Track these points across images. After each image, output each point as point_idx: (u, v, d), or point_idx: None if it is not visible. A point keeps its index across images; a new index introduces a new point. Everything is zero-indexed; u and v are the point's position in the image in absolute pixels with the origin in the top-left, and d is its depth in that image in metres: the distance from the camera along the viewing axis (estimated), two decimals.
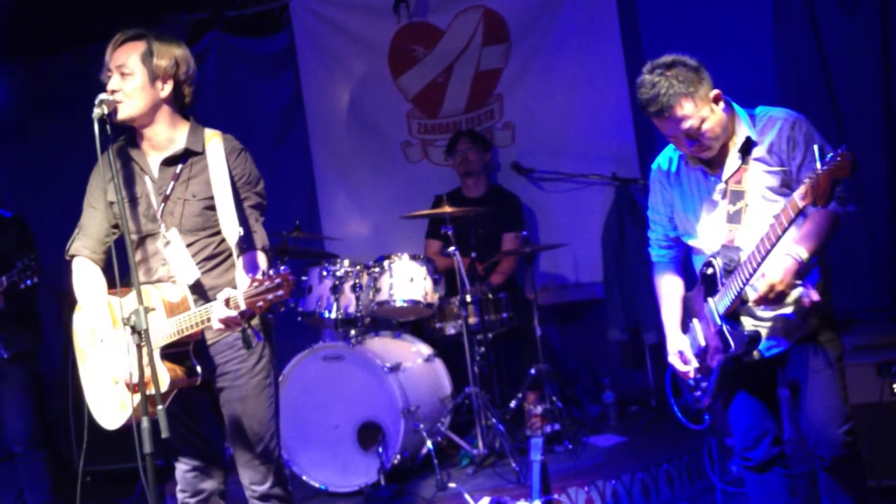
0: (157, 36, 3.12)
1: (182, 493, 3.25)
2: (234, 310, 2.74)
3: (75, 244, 3.19)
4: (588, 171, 5.99)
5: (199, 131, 3.17)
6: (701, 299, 3.15)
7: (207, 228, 3.12)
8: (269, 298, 2.69)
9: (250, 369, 3.15)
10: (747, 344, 3.01)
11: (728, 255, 3.03)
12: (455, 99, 6.39)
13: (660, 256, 3.42)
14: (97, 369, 3.11)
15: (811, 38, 5.29)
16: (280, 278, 2.69)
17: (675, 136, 3.04)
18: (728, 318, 3.03)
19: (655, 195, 3.35)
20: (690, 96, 2.93)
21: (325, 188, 6.70)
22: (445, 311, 5.23)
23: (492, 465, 4.81)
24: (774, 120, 3.03)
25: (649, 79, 2.98)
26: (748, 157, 3.03)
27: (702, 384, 3.20)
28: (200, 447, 3.23)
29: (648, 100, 2.97)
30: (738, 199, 3.04)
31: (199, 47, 6.73)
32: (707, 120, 2.97)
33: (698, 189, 3.18)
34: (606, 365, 6.12)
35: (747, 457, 3.26)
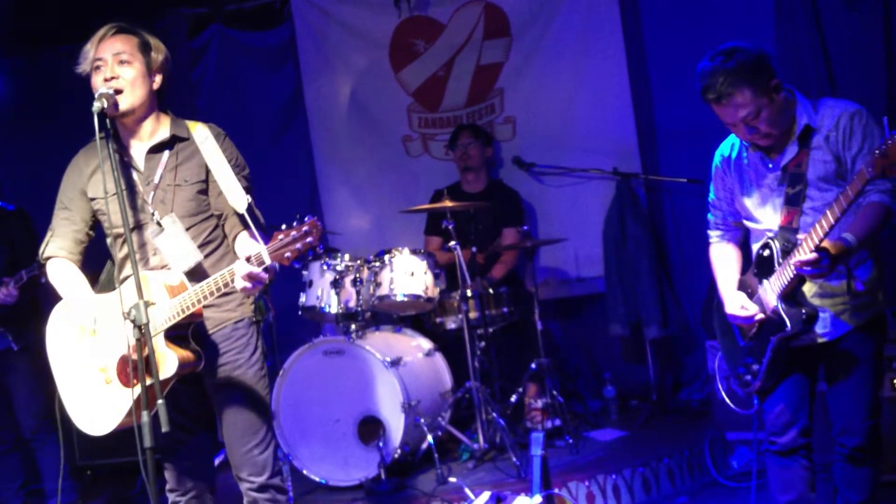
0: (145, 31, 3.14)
1: (173, 493, 3.24)
2: (257, 266, 2.75)
3: (50, 247, 3.16)
4: (589, 165, 5.98)
5: (180, 121, 3.19)
6: (756, 281, 3.16)
7: (200, 213, 3.13)
8: (298, 247, 2.72)
9: (247, 360, 3.17)
10: (804, 322, 3.02)
11: (786, 236, 3.07)
12: (456, 93, 6.38)
13: (719, 237, 3.46)
14: (84, 371, 3.05)
15: (813, 31, 5.27)
16: (308, 226, 2.73)
17: (733, 123, 3.06)
18: (784, 299, 3.04)
19: (717, 180, 3.38)
20: (749, 84, 2.95)
21: (325, 182, 6.69)
22: (446, 306, 5.23)
23: (492, 459, 4.81)
24: (835, 108, 3.06)
25: (709, 66, 3.00)
26: (808, 144, 3.06)
27: (753, 367, 3.20)
28: (189, 443, 3.22)
29: (707, 86, 3.00)
30: (797, 181, 3.06)
31: (200, 41, 6.72)
32: (765, 109, 2.99)
33: (756, 174, 3.20)
34: (607, 359, 6.12)
35: (773, 440, 3.27)
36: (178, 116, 3.24)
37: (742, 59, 2.97)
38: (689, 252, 5.77)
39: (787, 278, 3.00)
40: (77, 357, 3.07)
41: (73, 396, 3.09)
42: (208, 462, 3.35)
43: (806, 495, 3.26)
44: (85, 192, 3.15)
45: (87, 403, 3.05)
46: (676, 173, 5.78)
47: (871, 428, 3.13)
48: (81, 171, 3.16)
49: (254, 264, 2.77)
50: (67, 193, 3.18)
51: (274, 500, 3.20)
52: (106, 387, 3.00)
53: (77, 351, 3.07)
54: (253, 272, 2.78)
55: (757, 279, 3.17)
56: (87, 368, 3.04)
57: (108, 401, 3.00)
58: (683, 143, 5.71)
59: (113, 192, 2.96)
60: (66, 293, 3.11)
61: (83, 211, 3.16)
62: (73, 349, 3.09)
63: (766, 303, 3.11)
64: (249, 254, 2.78)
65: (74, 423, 3.08)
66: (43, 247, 3.18)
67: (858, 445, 3.14)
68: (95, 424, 3.04)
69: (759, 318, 3.14)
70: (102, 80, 2.98)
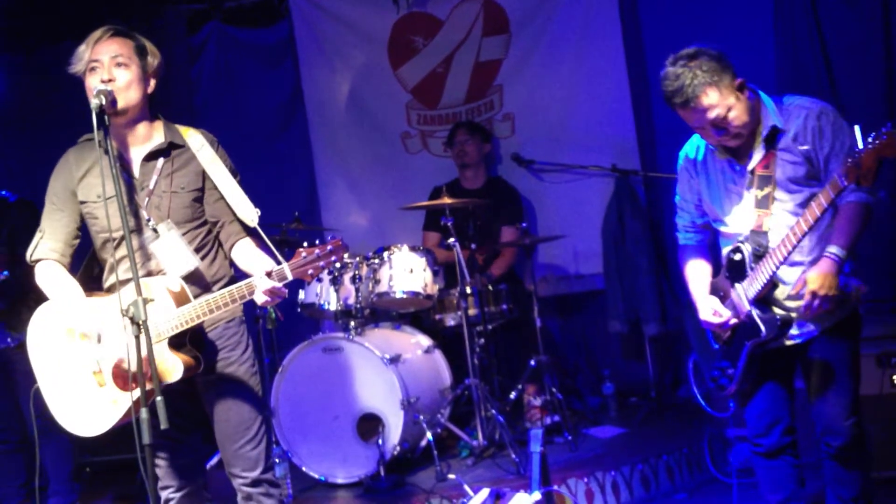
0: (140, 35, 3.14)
1: (166, 490, 3.24)
2: (278, 281, 2.82)
3: (40, 248, 3.13)
4: (588, 162, 5.98)
5: (173, 127, 3.19)
6: (728, 285, 3.14)
7: (195, 220, 3.14)
8: (322, 265, 2.83)
9: (239, 357, 3.19)
10: (779, 328, 3.01)
11: (757, 240, 3.04)
12: (455, 90, 6.38)
13: (687, 240, 3.43)
14: (72, 373, 3.04)
15: (812, 29, 5.27)
16: (332, 245, 2.83)
17: (701, 126, 3.04)
18: (758, 304, 3.03)
19: (683, 183, 3.37)
20: (715, 85, 2.94)
21: (324, 179, 6.69)
22: (445, 303, 5.23)
23: (491, 456, 4.81)
24: (801, 108, 3.04)
25: (673, 70, 2.98)
26: (775, 145, 3.03)
27: (728, 371, 3.20)
28: (181, 441, 3.22)
29: (673, 91, 2.98)
30: (765, 184, 3.04)
31: (199, 38, 6.71)
32: (733, 108, 2.97)
33: (724, 177, 3.18)
34: (606, 356, 6.13)
35: (758, 443, 3.27)
36: (177, 114, 3.24)
37: (705, 59, 2.95)
38: None
39: (761, 283, 2.98)
40: (64, 359, 3.06)
41: (59, 398, 3.08)
42: (201, 460, 3.37)
43: (796, 492, 3.27)
44: (75, 194, 3.12)
45: (77, 405, 3.04)
46: (675, 170, 5.74)
47: (854, 426, 3.11)
48: (72, 172, 3.13)
49: (275, 279, 2.83)
50: (59, 194, 3.15)
51: (268, 493, 3.21)
52: (99, 389, 3.00)
53: (64, 354, 3.06)
54: (275, 287, 2.84)
55: (729, 282, 3.14)
56: (78, 371, 3.03)
57: (102, 402, 2.99)
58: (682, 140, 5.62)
59: (110, 195, 2.94)
60: (56, 297, 3.08)
61: (74, 212, 3.14)
62: (60, 352, 3.07)
63: (740, 307, 3.08)
64: (270, 269, 2.83)
65: (59, 423, 3.07)
66: (32, 248, 3.15)
67: (843, 445, 3.12)
68: (87, 426, 3.03)
69: (733, 323, 3.13)
70: (99, 82, 2.96)
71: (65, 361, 3.05)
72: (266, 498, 3.21)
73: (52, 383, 3.09)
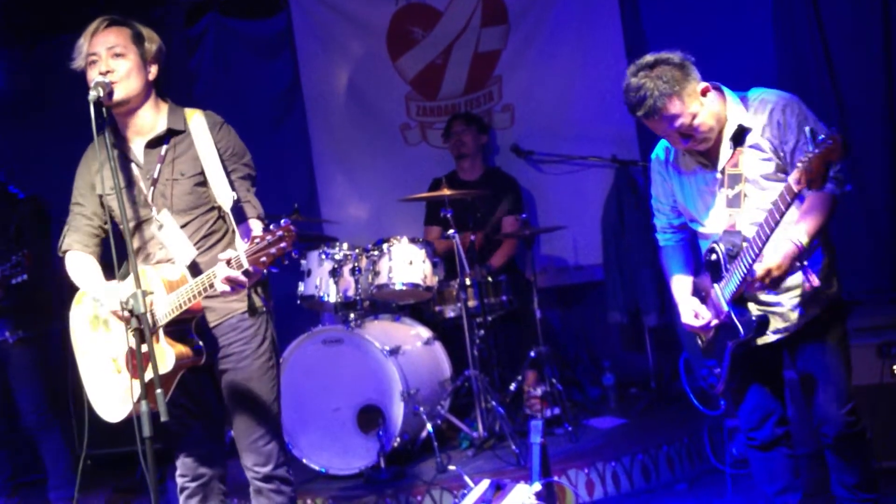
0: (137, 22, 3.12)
1: (182, 478, 3.25)
2: (237, 269, 2.72)
3: (66, 240, 3.19)
4: (588, 153, 5.97)
5: (178, 111, 3.16)
6: (708, 284, 3.13)
7: (200, 206, 3.11)
8: (273, 252, 2.67)
9: (254, 351, 3.16)
10: (756, 329, 2.99)
11: (730, 239, 3.01)
12: (454, 81, 6.37)
13: (666, 241, 3.41)
14: (99, 359, 3.11)
15: (812, 23, 5.26)
16: (281, 230, 2.66)
17: (668, 134, 3.02)
18: (735, 304, 3.01)
19: (656, 185, 3.34)
20: (677, 95, 2.90)
21: (323, 171, 6.68)
22: (445, 294, 5.23)
23: (492, 447, 4.81)
24: (766, 103, 3.00)
25: (634, 81, 2.96)
26: (742, 143, 3.00)
27: (715, 370, 3.20)
28: (201, 431, 3.22)
29: (636, 104, 2.95)
30: (735, 182, 3.01)
31: (197, 29, 6.71)
32: (698, 115, 2.94)
33: (695, 178, 3.16)
34: (606, 347, 6.13)
35: (752, 436, 3.28)
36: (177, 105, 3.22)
37: (667, 69, 2.92)
38: None
39: (736, 283, 2.96)
40: (92, 346, 3.13)
41: (91, 384, 3.15)
42: (220, 450, 3.33)
43: (792, 483, 3.27)
44: (94, 186, 3.15)
45: (103, 391, 3.11)
46: None
47: (849, 413, 3.09)
48: (90, 165, 3.16)
49: (233, 267, 2.73)
50: (79, 188, 3.20)
51: (279, 490, 3.20)
52: (117, 376, 3.04)
53: (91, 340, 3.13)
54: (231, 276, 2.74)
55: (710, 282, 3.12)
56: (101, 358, 3.10)
57: (120, 389, 3.03)
58: None
59: (112, 188, 2.97)
60: (82, 283, 3.13)
61: (94, 205, 3.17)
62: (88, 339, 3.15)
63: (719, 308, 3.07)
64: (229, 256, 2.74)
65: (96, 410, 3.12)
66: (60, 241, 3.21)
67: (840, 434, 3.11)
68: (111, 412, 3.09)
69: (714, 324, 3.11)
70: (97, 75, 2.96)
71: (92, 348, 3.13)
72: (276, 495, 3.20)
73: (85, 370, 3.17)
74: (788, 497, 3.27)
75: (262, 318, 3.21)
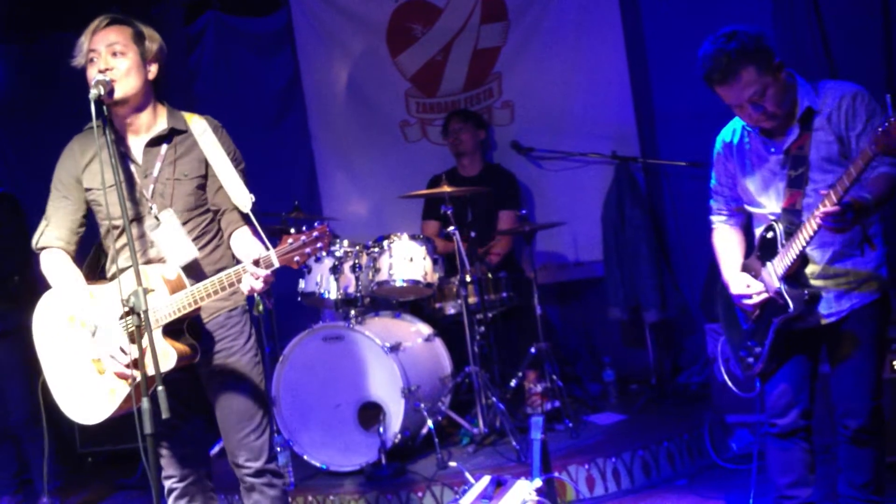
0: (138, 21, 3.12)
1: (169, 479, 3.25)
2: (265, 268, 2.77)
3: (45, 236, 3.13)
4: (588, 149, 5.97)
5: (177, 113, 3.17)
6: (759, 264, 3.18)
7: (198, 207, 3.13)
8: (308, 252, 2.76)
9: (241, 347, 3.18)
10: (807, 303, 3.04)
11: (789, 218, 3.09)
12: (453, 78, 6.36)
13: (721, 222, 3.47)
14: (75, 360, 3.04)
15: (812, 14, 5.24)
16: (318, 231, 2.76)
17: (739, 104, 3.07)
18: (787, 280, 3.06)
19: (719, 166, 3.40)
20: (754, 63, 2.98)
21: (323, 168, 6.69)
22: (445, 291, 5.23)
23: (492, 443, 4.82)
24: (836, 90, 3.08)
25: (712, 49, 3.03)
26: (810, 126, 3.07)
27: (755, 350, 3.22)
28: (186, 430, 3.23)
29: (712, 68, 3.02)
30: (800, 164, 3.08)
31: (197, 27, 6.70)
32: (770, 87, 3.02)
33: (759, 158, 3.22)
34: (606, 343, 6.13)
35: (773, 422, 3.29)
36: (176, 103, 3.22)
37: (744, 39, 2.99)
38: (687, 235, 5.77)
39: (791, 259, 3.02)
40: (66, 347, 3.06)
41: (62, 386, 3.08)
42: (204, 449, 3.37)
43: (805, 477, 3.28)
44: (80, 181, 3.12)
45: (78, 393, 3.05)
46: (675, 157, 5.76)
47: (874, 409, 3.14)
48: (76, 159, 3.13)
49: (262, 267, 2.78)
50: (64, 181, 3.15)
51: (271, 484, 3.22)
52: (99, 377, 3.00)
53: (66, 341, 3.06)
54: (260, 274, 2.80)
55: (760, 262, 3.18)
56: (78, 359, 3.04)
57: (101, 391, 3.00)
58: (682, 127, 5.70)
59: (111, 184, 2.95)
60: (59, 284, 3.08)
61: (79, 200, 3.14)
62: (62, 339, 3.08)
63: (770, 284, 3.12)
64: (258, 256, 2.79)
65: (63, 412, 3.08)
66: (37, 236, 3.15)
67: (861, 427, 3.15)
68: (86, 414, 3.03)
69: (763, 299, 3.15)
70: (97, 73, 2.95)
71: (66, 349, 3.06)
72: (269, 488, 3.21)
73: (54, 370, 3.09)
74: (799, 490, 3.28)
75: (245, 315, 3.24)
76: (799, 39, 5.31)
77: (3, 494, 5.03)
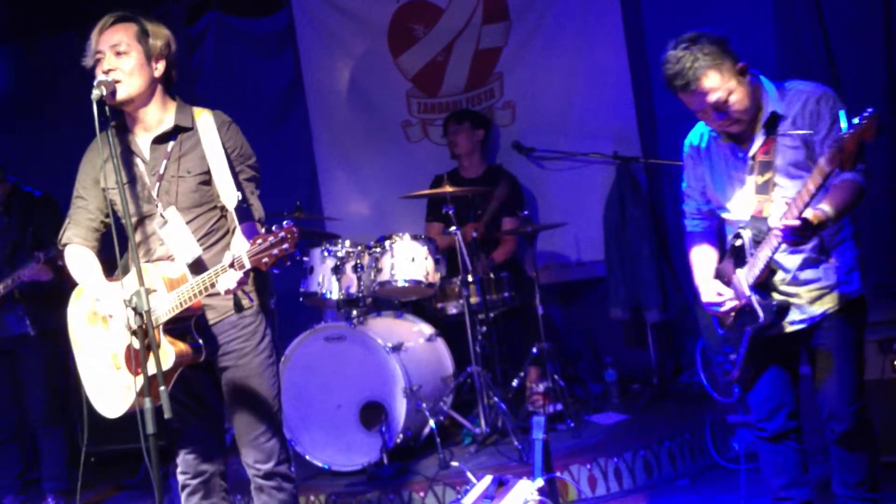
0: (144, 18, 3.11)
1: (183, 475, 3.26)
2: (238, 270, 2.75)
3: (67, 233, 3.19)
4: (589, 149, 5.97)
5: (186, 109, 3.17)
6: (731, 271, 3.15)
7: (204, 204, 3.13)
8: (275, 253, 2.71)
9: (254, 348, 3.17)
10: (775, 314, 3.02)
11: (757, 225, 3.04)
12: (455, 78, 6.37)
13: (693, 226, 3.44)
14: (97, 355, 3.11)
15: (812, 12, 5.25)
16: (284, 231, 2.71)
17: (702, 109, 3.04)
18: (757, 289, 3.04)
19: (688, 170, 3.37)
20: (716, 68, 2.94)
21: (325, 168, 6.69)
22: (447, 291, 5.24)
23: (494, 443, 4.82)
24: (802, 93, 3.04)
25: (674, 54, 2.98)
26: (775, 131, 3.03)
27: (731, 357, 3.21)
28: (202, 428, 3.24)
29: (674, 74, 2.98)
30: (766, 169, 3.04)
31: (198, 28, 6.71)
32: (734, 92, 2.97)
33: (727, 163, 3.18)
34: (608, 343, 6.12)
35: (762, 427, 3.28)
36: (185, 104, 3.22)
37: (706, 43, 2.95)
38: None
39: (759, 268, 2.98)
40: (90, 342, 3.13)
41: (90, 380, 3.15)
42: (220, 446, 3.35)
43: (799, 477, 3.27)
44: (98, 181, 3.15)
45: (102, 387, 3.11)
46: (676, 157, 5.64)
47: (858, 412, 3.11)
48: (94, 160, 3.16)
49: (236, 268, 2.77)
50: (82, 181, 3.20)
51: (280, 487, 3.22)
52: (116, 372, 3.05)
53: (89, 336, 3.13)
54: (234, 277, 2.79)
55: (732, 268, 3.14)
56: (100, 353, 3.10)
57: (119, 385, 3.04)
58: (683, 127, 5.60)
59: (123, 182, 2.97)
60: (81, 279, 3.14)
61: (97, 199, 3.17)
62: (86, 334, 3.15)
63: (741, 292, 3.09)
64: (233, 257, 2.77)
65: (93, 405, 3.13)
66: (61, 234, 3.21)
67: (847, 430, 3.12)
68: (109, 407, 3.09)
69: (735, 306, 3.13)
70: (101, 73, 2.96)
71: (91, 344, 3.13)
72: (277, 492, 3.22)
73: (83, 365, 3.17)
74: (794, 491, 3.27)
75: (260, 315, 3.22)
76: (799, 39, 5.31)
77: (6, 494, 5.05)
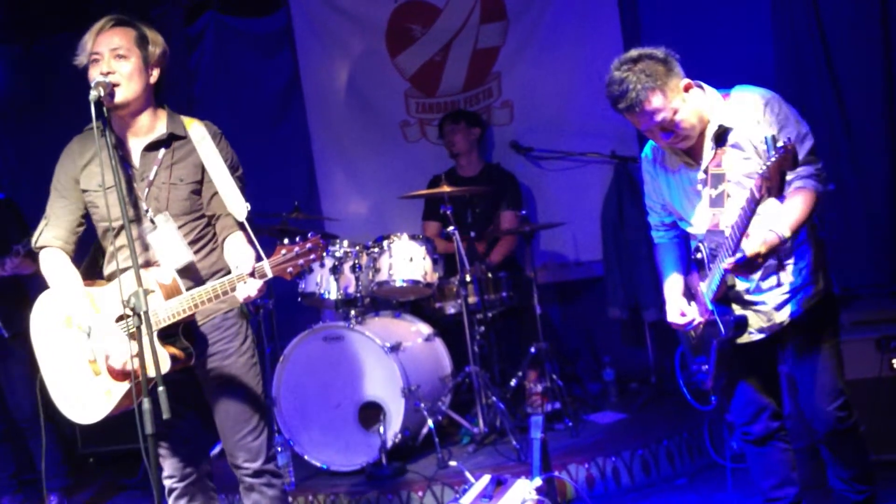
0: (143, 24, 3.12)
1: (170, 479, 3.25)
2: (259, 278, 2.81)
3: (44, 235, 3.14)
4: (587, 149, 5.97)
5: (176, 117, 3.18)
6: (696, 284, 3.15)
7: (193, 212, 3.14)
8: (301, 263, 2.80)
9: (238, 348, 3.19)
10: (734, 328, 3.01)
11: (714, 239, 3.01)
12: (453, 78, 6.37)
13: (660, 238, 3.42)
14: (70, 361, 3.05)
15: (811, 16, 5.25)
16: (311, 242, 2.79)
17: (650, 129, 3.01)
18: (718, 303, 3.02)
19: (647, 184, 3.35)
20: (660, 89, 2.90)
21: (323, 168, 6.69)
22: (445, 291, 5.24)
23: (492, 443, 4.83)
24: (746, 102, 3.00)
25: (617, 75, 2.97)
26: (724, 143, 3.00)
27: (703, 367, 3.21)
28: (186, 430, 3.24)
29: (618, 96, 2.96)
30: (718, 182, 3.00)
31: (197, 28, 6.70)
32: (680, 111, 2.93)
33: (681, 178, 3.16)
34: (606, 343, 6.13)
35: (746, 431, 3.28)
36: (176, 103, 3.23)
37: (650, 63, 2.93)
38: None
39: (716, 283, 2.97)
40: (63, 347, 3.07)
41: (58, 385, 3.09)
42: (204, 448, 3.37)
43: (788, 477, 3.27)
44: (78, 182, 3.13)
45: (74, 393, 3.06)
46: None
47: (837, 410, 3.09)
48: (75, 160, 3.14)
49: (256, 277, 2.81)
50: (62, 182, 3.15)
51: (270, 484, 3.23)
52: (94, 378, 3.01)
53: (63, 341, 3.07)
54: (255, 285, 2.85)
55: (697, 281, 3.14)
56: (74, 359, 3.04)
57: (97, 392, 3.01)
58: None
59: (110, 185, 2.96)
60: (57, 284, 3.09)
61: (77, 200, 3.15)
62: (58, 339, 3.09)
63: (704, 306, 3.09)
64: (252, 267, 2.81)
65: (60, 410, 3.09)
66: (37, 235, 3.15)
67: (830, 431, 3.12)
68: (82, 413, 3.04)
69: (698, 323, 3.12)
70: (99, 74, 2.96)
71: (63, 349, 3.07)
72: (268, 489, 3.23)
73: (52, 370, 3.11)
74: (784, 491, 3.27)
75: (242, 317, 3.25)
76: (798, 40, 5.31)
77: (3, 495, 5.05)
